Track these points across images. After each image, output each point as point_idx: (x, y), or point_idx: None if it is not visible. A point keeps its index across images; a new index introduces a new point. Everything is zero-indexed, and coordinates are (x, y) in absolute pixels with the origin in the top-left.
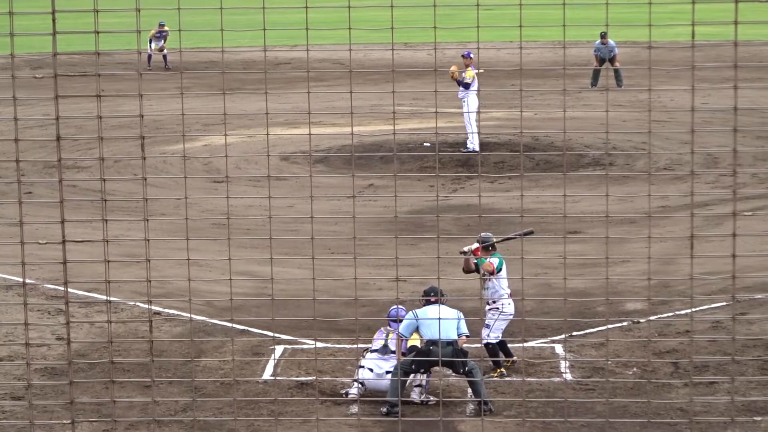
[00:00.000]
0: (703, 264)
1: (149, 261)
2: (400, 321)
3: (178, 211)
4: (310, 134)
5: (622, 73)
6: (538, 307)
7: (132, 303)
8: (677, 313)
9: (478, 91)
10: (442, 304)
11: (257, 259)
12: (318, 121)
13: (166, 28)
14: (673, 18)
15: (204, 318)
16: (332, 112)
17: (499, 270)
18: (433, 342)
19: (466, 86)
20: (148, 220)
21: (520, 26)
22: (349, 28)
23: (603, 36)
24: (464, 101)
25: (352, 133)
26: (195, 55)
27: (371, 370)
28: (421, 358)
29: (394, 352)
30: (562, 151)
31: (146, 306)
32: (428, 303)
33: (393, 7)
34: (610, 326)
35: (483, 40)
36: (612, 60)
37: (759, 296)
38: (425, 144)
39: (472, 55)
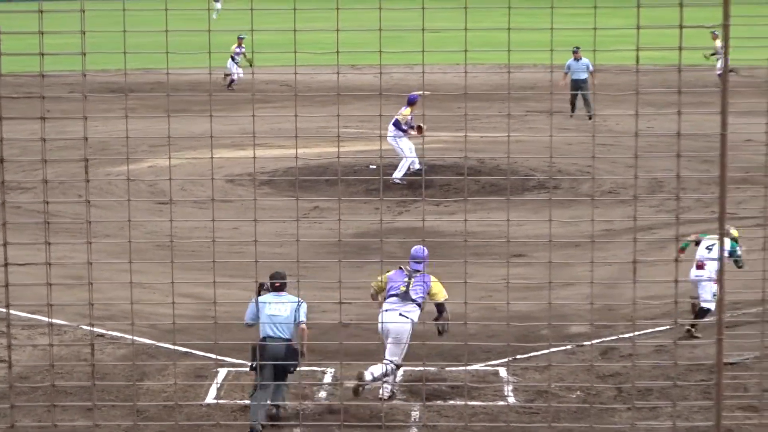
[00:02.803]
0: (647, 288)
1: (92, 284)
2: (422, 262)
3: (123, 233)
4: (254, 157)
5: (591, 99)
6: (482, 331)
7: (75, 325)
8: (621, 336)
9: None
10: (283, 291)
11: (201, 282)
12: (264, 144)
13: (244, 45)
14: (619, 42)
15: (147, 340)
16: (278, 135)
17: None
18: (265, 338)
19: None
20: (91, 243)
21: (465, 50)
22: (295, 51)
23: (575, 52)
24: (398, 139)
25: (296, 157)
26: (141, 76)
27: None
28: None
29: (414, 300)
30: (507, 175)
31: (90, 328)
32: (273, 288)
33: (339, 31)
34: (553, 349)
35: (429, 63)
36: (584, 83)
37: (705, 320)
38: (371, 166)
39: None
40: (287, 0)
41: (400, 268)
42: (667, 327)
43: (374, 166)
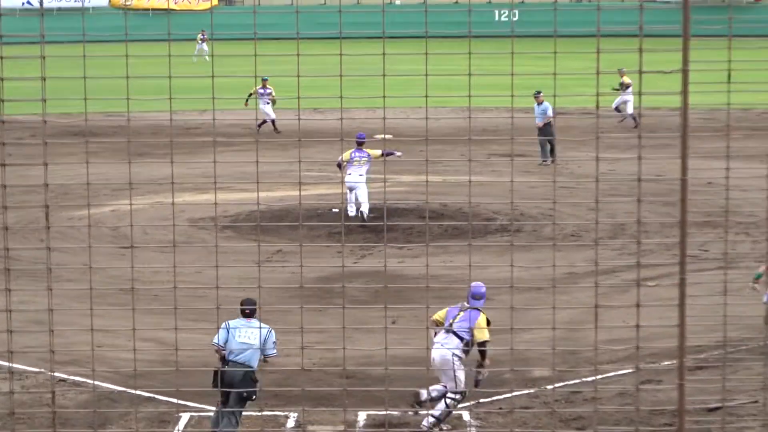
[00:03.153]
0: (609, 331)
1: (53, 331)
2: (480, 298)
3: (85, 277)
4: (215, 203)
5: (555, 143)
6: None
7: (37, 371)
8: (584, 380)
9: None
10: (252, 318)
11: (164, 327)
12: (227, 187)
13: (269, 86)
14: (581, 85)
15: (110, 385)
16: (240, 179)
17: None
18: (227, 362)
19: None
20: (51, 289)
21: (426, 96)
22: (256, 97)
23: (536, 96)
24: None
25: (258, 202)
26: (103, 120)
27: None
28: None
29: (455, 333)
30: (469, 219)
31: (51, 374)
32: (243, 314)
33: (300, 77)
34: (516, 393)
35: (391, 106)
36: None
37: (665, 363)
38: (333, 210)
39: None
40: (248, 45)
41: (460, 303)
42: (630, 371)
43: (337, 210)
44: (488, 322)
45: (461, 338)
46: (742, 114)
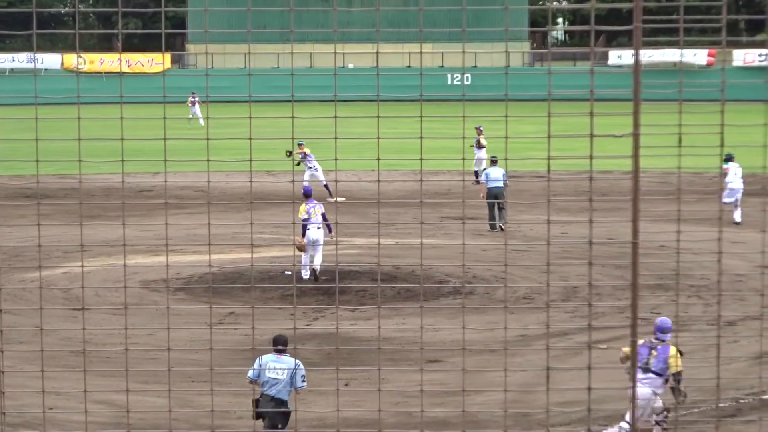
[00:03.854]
0: (562, 393)
1: (4, 393)
2: (667, 332)
3: (37, 339)
4: (167, 264)
5: (506, 212)
6: None
7: None
8: None
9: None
10: (283, 354)
11: (115, 389)
12: (179, 250)
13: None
14: (532, 149)
15: None
16: (192, 241)
17: None
18: (265, 397)
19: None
20: (2, 351)
21: (378, 159)
22: (207, 160)
23: (493, 161)
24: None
25: (210, 264)
26: (56, 182)
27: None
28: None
29: (655, 372)
30: (421, 281)
31: None
32: (275, 351)
33: (252, 139)
34: None
35: (344, 169)
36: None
37: (616, 427)
38: (286, 273)
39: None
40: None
41: (646, 339)
42: None
43: (289, 273)
44: (680, 353)
45: (660, 375)
46: (694, 178)
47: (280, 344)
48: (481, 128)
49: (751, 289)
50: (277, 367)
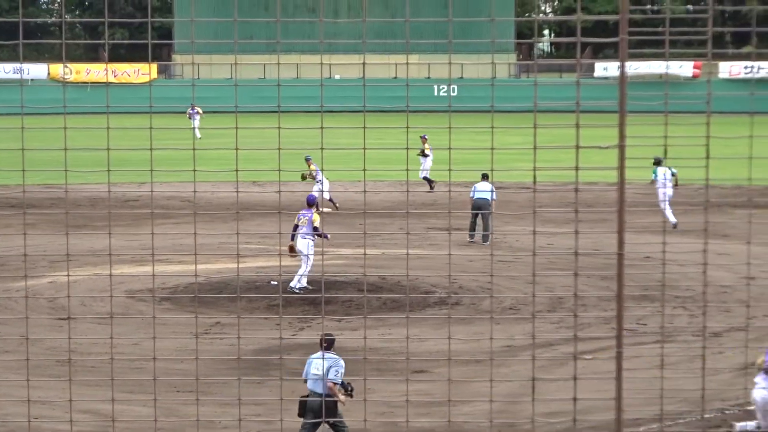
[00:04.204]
0: (548, 404)
1: None
2: None
3: (22, 349)
4: (153, 274)
5: (491, 225)
6: None
7: None
8: None
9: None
10: (329, 351)
11: (101, 399)
12: (165, 259)
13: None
14: (518, 160)
15: None
16: (178, 251)
17: None
18: (310, 392)
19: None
20: None
21: (364, 169)
22: (194, 170)
23: (485, 177)
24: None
25: (195, 274)
26: (42, 192)
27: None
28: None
29: None
30: (407, 292)
31: None
32: (322, 348)
33: (238, 149)
34: None
35: (331, 179)
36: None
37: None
38: (272, 283)
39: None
40: (182, 118)
41: None
42: None
43: (275, 282)
44: None
45: None
46: (680, 189)
47: (325, 343)
48: (426, 137)
49: (736, 300)
50: (318, 363)
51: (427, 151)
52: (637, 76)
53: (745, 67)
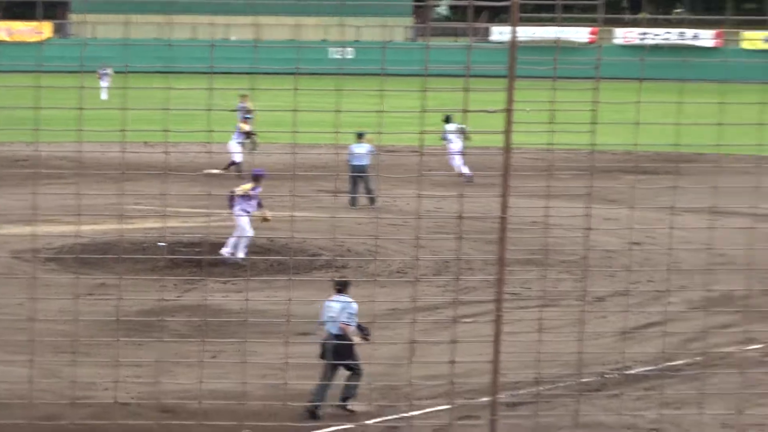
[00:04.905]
0: (429, 367)
1: None
2: None
3: None
4: (35, 234)
5: (374, 187)
6: (263, 410)
7: None
8: (402, 416)
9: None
10: (342, 293)
11: None
12: (52, 219)
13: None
14: (409, 123)
15: None
16: (65, 211)
17: None
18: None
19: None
20: None
21: (254, 132)
22: (79, 129)
23: (360, 136)
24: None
25: (78, 234)
26: None
27: None
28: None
29: None
30: (291, 254)
31: None
32: (335, 291)
33: (126, 109)
34: (335, 428)
35: (220, 141)
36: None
37: (482, 399)
38: (159, 244)
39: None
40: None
41: None
42: (446, 407)
43: (163, 244)
44: None
45: None
46: (569, 155)
47: (339, 285)
48: (247, 95)
49: (621, 265)
50: (333, 306)
51: (249, 105)
52: (532, 41)
53: (640, 34)
